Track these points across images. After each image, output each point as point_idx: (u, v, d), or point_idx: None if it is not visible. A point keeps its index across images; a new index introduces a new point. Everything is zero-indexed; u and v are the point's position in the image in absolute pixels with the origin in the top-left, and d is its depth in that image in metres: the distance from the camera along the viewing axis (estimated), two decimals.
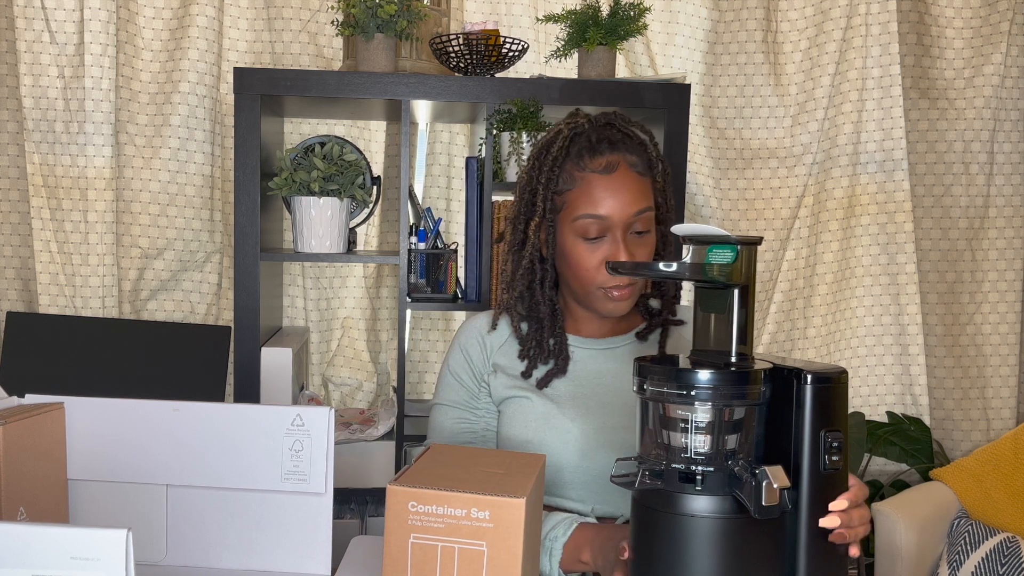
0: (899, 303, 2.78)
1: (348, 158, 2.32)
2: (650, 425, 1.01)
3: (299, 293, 2.71)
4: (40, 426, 1.15)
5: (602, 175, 1.35)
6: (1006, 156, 2.81)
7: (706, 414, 0.97)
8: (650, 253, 1.39)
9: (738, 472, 0.96)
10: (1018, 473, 2.36)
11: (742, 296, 1.01)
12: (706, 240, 1.01)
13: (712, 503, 0.97)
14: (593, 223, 1.35)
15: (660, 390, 0.98)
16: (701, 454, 0.97)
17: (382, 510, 2.35)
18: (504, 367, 1.45)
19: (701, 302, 1.05)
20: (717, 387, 0.96)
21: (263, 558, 1.21)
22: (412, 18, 2.16)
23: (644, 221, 1.36)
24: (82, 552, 0.76)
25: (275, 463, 1.19)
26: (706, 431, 0.97)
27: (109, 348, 2.42)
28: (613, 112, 1.43)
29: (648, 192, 1.38)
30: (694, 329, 1.06)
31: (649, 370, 0.99)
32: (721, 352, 1.02)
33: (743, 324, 1.01)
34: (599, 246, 1.36)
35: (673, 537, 0.97)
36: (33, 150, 2.49)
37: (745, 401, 0.98)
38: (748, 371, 0.98)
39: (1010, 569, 2.19)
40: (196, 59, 2.54)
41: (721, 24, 2.75)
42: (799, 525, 0.99)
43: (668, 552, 0.98)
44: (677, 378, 0.97)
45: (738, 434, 0.98)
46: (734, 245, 0.99)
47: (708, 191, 2.75)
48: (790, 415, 0.99)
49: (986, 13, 2.77)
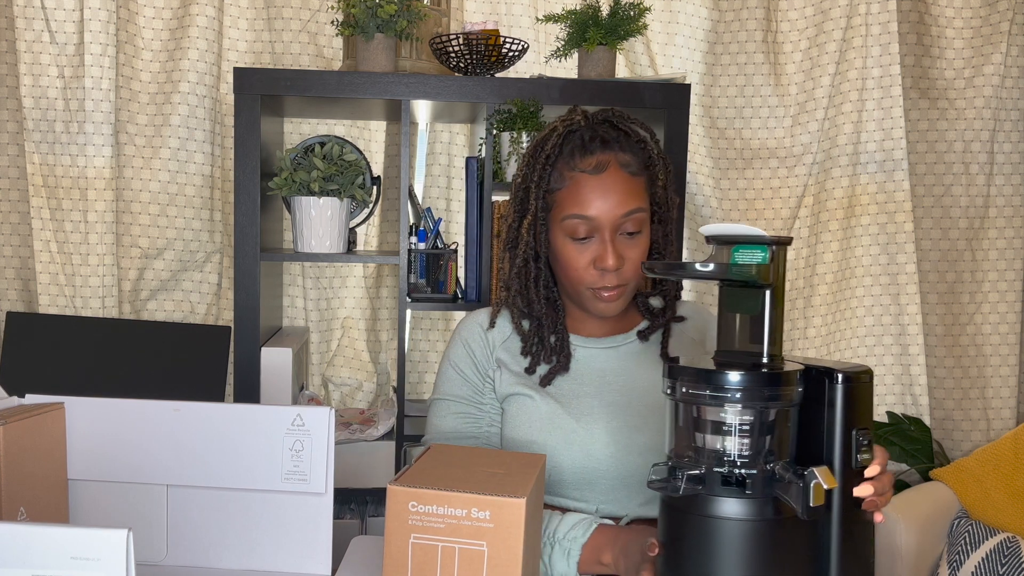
0: (899, 303, 2.78)
1: (348, 158, 2.32)
2: (683, 428, 1.00)
3: (299, 293, 2.71)
4: (40, 426, 1.15)
5: (591, 175, 1.34)
6: (1006, 156, 2.81)
7: (749, 416, 0.96)
8: (643, 253, 1.37)
9: (780, 473, 0.95)
10: (1018, 473, 2.36)
11: (773, 296, 1.00)
12: (732, 240, 0.99)
13: (747, 505, 0.96)
14: (581, 223, 1.34)
15: (700, 393, 0.96)
16: (744, 457, 0.96)
17: (382, 510, 2.35)
18: (507, 363, 1.43)
19: (728, 302, 1.03)
20: (760, 389, 0.95)
21: (263, 558, 1.21)
22: (412, 18, 2.16)
23: (635, 222, 1.34)
24: (83, 552, 0.76)
25: (275, 463, 1.19)
26: (748, 433, 0.96)
27: (109, 348, 2.42)
28: (611, 109, 1.42)
29: (640, 192, 1.36)
30: (719, 329, 1.05)
31: (685, 372, 0.98)
32: (749, 353, 1.01)
33: (774, 325, 1.01)
34: (587, 246, 1.35)
35: (707, 540, 0.96)
36: (33, 150, 2.49)
37: (785, 402, 0.97)
38: (787, 372, 0.97)
39: (1010, 569, 2.19)
40: (196, 59, 2.54)
41: (721, 24, 2.75)
42: (831, 524, 0.99)
43: (701, 555, 0.97)
44: (718, 381, 0.95)
45: (774, 435, 0.98)
46: (764, 245, 0.98)
47: (708, 191, 2.75)
48: (816, 414, 0.99)
49: (986, 13, 2.77)
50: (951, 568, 2.27)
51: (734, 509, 0.96)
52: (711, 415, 0.97)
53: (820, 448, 1.00)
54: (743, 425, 0.96)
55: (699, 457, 0.98)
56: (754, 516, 0.95)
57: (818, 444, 0.99)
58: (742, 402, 0.95)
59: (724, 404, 0.95)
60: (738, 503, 0.96)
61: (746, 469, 0.96)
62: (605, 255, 1.33)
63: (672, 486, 0.97)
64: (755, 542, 0.95)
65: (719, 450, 0.97)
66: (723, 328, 1.04)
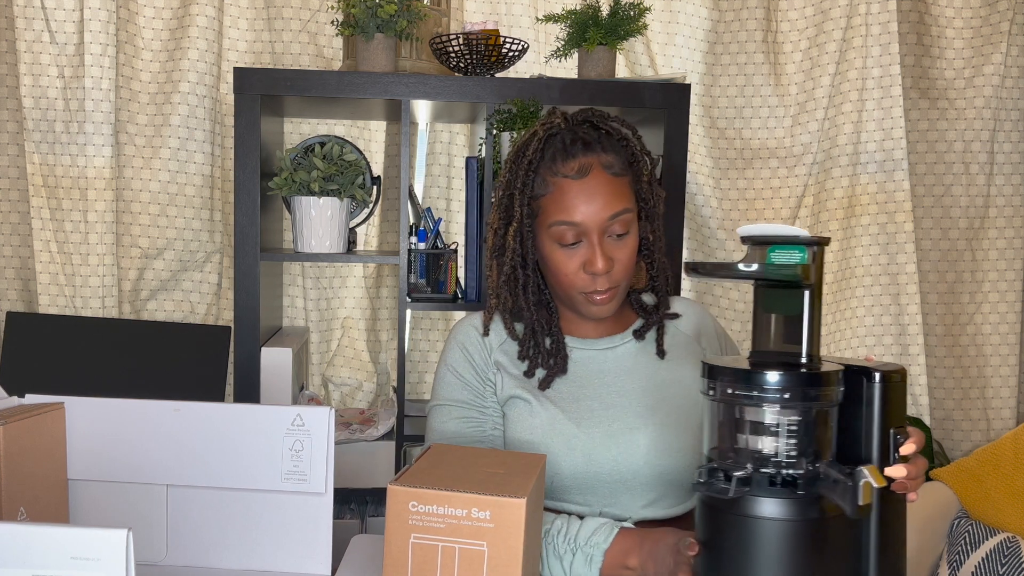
0: (899, 303, 2.78)
1: (348, 158, 2.32)
2: (723, 429, 1.00)
3: (299, 293, 2.71)
4: (40, 426, 1.15)
5: (575, 180, 1.33)
6: (1006, 156, 2.81)
7: (796, 416, 0.96)
8: (631, 253, 1.36)
9: (826, 472, 0.96)
10: (1018, 473, 2.36)
11: (812, 297, 1.00)
12: (769, 240, 0.99)
13: (792, 505, 0.96)
14: (568, 229, 1.33)
15: (745, 394, 0.96)
16: (791, 457, 0.96)
17: (382, 510, 2.35)
18: (505, 366, 1.43)
19: (764, 302, 1.04)
20: (805, 389, 0.95)
21: (263, 558, 1.21)
22: (412, 18, 2.16)
23: (622, 223, 1.34)
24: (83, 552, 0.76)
25: (275, 463, 1.19)
26: (795, 434, 0.96)
27: (109, 348, 2.42)
28: (590, 109, 1.41)
29: (625, 193, 1.35)
30: (753, 329, 1.05)
31: (728, 373, 0.98)
32: (786, 353, 1.01)
33: (812, 325, 1.01)
34: (576, 251, 1.34)
35: (750, 541, 0.96)
36: (33, 150, 2.49)
37: (829, 402, 0.98)
38: (831, 372, 0.98)
39: (1010, 569, 2.19)
40: (196, 59, 2.54)
41: (721, 24, 2.75)
42: (870, 523, 0.99)
43: (743, 556, 0.96)
44: (763, 382, 0.95)
45: (817, 435, 0.98)
46: (801, 245, 0.99)
47: (708, 191, 2.75)
48: (852, 413, 1.00)
49: (986, 13, 2.77)
50: (951, 568, 2.27)
51: (779, 509, 0.95)
52: (755, 416, 0.97)
53: (857, 447, 1.00)
54: (791, 425, 0.96)
55: (740, 458, 0.98)
56: (798, 516, 0.95)
57: (854, 443, 1.00)
58: (788, 402, 0.95)
59: (771, 405, 0.96)
60: (783, 503, 0.96)
61: (791, 470, 0.96)
62: (594, 259, 1.32)
63: (720, 488, 0.97)
64: (799, 542, 0.95)
65: (762, 451, 0.97)
66: (758, 328, 1.04)
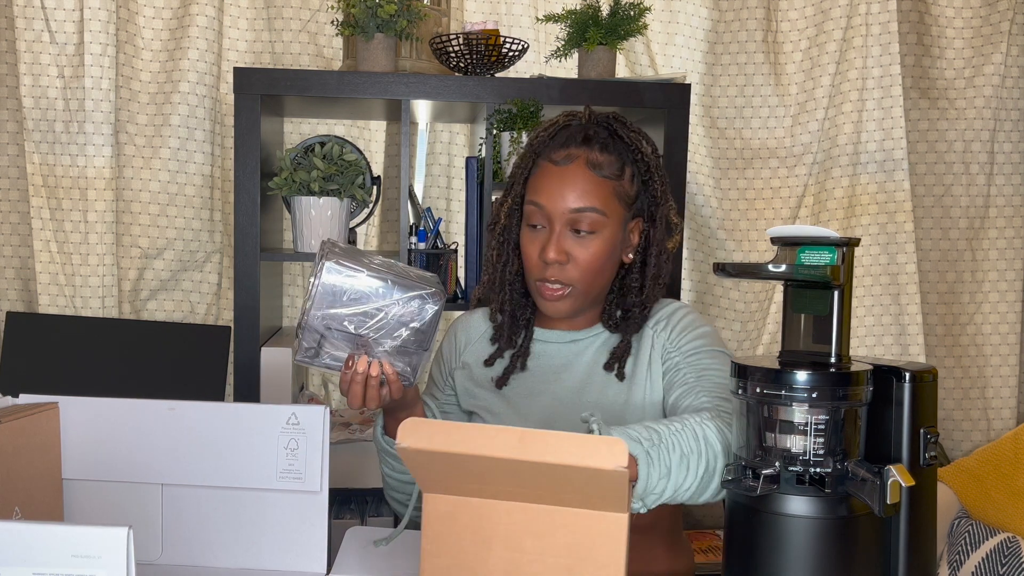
0: (899, 303, 2.77)
1: (348, 158, 2.32)
2: (752, 427, 1.00)
3: (299, 293, 2.71)
4: (34, 426, 1.15)
5: (556, 165, 1.35)
6: (1006, 156, 2.81)
7: (824, 415, 0.96)
8: (593, 257, 1.34)
9: (854, 471, 0.96)
10: (1018, 473, 2.35)
11: (842, 297, 1.01)
12: (799, 241, 1.00)
13: (820, 503, 0.96)
14: (535, 211, 1.35)
15: (776, 393, 0.96)
16: (818, 456, 0.96)
17: (382, 510, 2.36)
18: (471, 366, 1.48)
19: (794, 303, 1.05)
20: (834, 388, 0.96)
21: (259, 557, 1.21)
22: (412, 18, 2.16)
23: (588, 222, 1.33)
24: (83, 550, 0.76)
25: (270, 462, 1.19)
26: (823, 433, 0.96)
27: (109, 348, 2.42)
28: (613, 115, 1.41)
29: (602, 195, 1.34)
30: (783, 330, 1.06)
31: (758, 372, 0.98)
32: (816, 353, 1.02)
33: (842, 325, 1.01)
34: (538, 235, 1.36)
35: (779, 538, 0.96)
36: (33, 150, 2.49)
37: (858, 401, 0.98)
38: (861, 371, 0.98)
39: (1010, 569, 2.19)
40: (196, 59, 2.54)
41: (721, 24, 2.75)
42: (899, 522, 0.99)
43: (772, 553, 0.97)
44: (793, 381, 0.96)
45: (846, 434, 0.98)
46: (831, 246, 0.99)
47: (708, 191, 2.75)
48: (882, 413, 1.00)
49: (986, 13, 2.76)
50: (951, 568, 2.27)
51: (808, 507, 0.96)
52: (785, 415, 0.97)
53: (887, 446, 1.00)
54: (819, 424, 0.96)
55: (768, 456, 0.98)
56: (827, 514, 0.96)
57: (884, 442, 1.00)
58: (818, 402, 0.95)
59: (801, 404, 0.96)
60: (811, 501, 0.96)
61: (820, 468, 0.96)
62: (548, 246, 1.33)
63: (746, 486, 0.97)
64: (828, 540, 0.96)
65: (790, 449, 0.97)
66: (788, 328, 1.05)
